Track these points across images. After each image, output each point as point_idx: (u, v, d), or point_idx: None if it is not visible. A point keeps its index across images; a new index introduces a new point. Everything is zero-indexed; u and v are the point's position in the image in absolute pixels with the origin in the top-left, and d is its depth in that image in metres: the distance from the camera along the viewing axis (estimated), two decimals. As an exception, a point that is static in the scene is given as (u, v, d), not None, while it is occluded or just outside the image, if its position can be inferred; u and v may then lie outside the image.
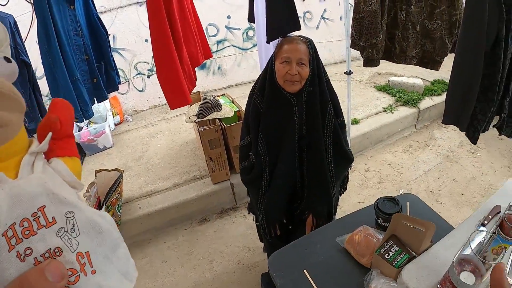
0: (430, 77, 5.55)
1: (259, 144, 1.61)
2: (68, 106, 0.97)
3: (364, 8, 1.74)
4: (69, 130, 0.95)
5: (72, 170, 0.90)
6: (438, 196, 3.44)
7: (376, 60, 1.94)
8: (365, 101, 4.81)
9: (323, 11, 6.06)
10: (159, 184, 3.24)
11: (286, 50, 1.46)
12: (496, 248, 1.18)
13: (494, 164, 4.06)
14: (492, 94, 1.69)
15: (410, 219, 1.37)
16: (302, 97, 1.53)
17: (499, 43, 1.59)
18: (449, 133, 4.63)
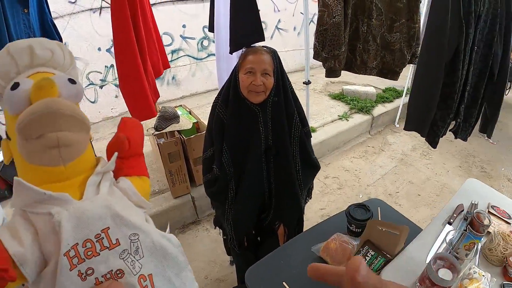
0: (382, 85, 5.79)
1: (223, 156, 1.59)
2: (138, 125, 0.97)
3: (328, 20, 1.78)
4: (138, 149, 0.95)
5: (139, 190, 0.90)
6: (396, 198, 3.58)
7: (338, 71, 1.99)
8: (320, 109, 4.93)
9: (277, 22, 6.15)
10: None
11: (251, 61, 1.45)
12: (468, 244, 1.27)
13: (446, 165, 4.29)
14: (451, 101, 1.79)
15: (384, 224, 1.43)
16: (267, 108, 1.52)
17: (459, 54, 1.68)
18: (402, 138, 4.84)
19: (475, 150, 4.75)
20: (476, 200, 1.76)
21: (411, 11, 1.92)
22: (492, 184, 3.98)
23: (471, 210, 1.67)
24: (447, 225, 1.58)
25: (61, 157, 0.72)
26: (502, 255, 1.37)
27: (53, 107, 0.68)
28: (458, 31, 1.67)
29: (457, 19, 1.64)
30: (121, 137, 0.88)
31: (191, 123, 2.93)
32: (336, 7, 1.76)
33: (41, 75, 0.77)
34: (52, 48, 0.81)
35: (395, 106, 5.26)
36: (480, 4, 1.74)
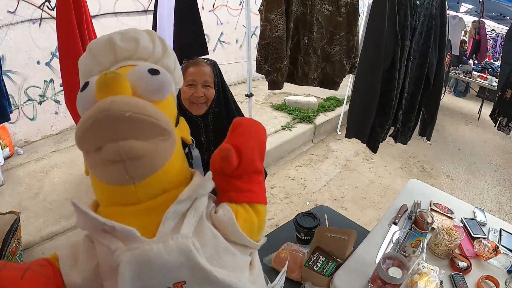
0: (323, 95, 5.96)
1: None
2: (257, 130, 0.75)
3: (270, 34, 1.81)
4: (253, 165, 0.71)
5: (246, 225, 0.67)
6: (343, 203, 3.66)
7: (281, 83, 2.02)
8: (263, 120, 4.93)
9: (220, 34, 6.16)
10: (61, 225, 2.88)
11: (191, 73, 1.45)
12: (414, 242, 1.33)
13: (388, 167, 4.48)
14: (389, 109, 1.87)
15: (332, 231, 1.46)
16: (208, 119, 1.53)
17: (395, 65, 1.76)
18: (344, 145, 4.98)
19: (414, 151, 5.01)
20: (418, 199, 1.85)
21: (350, 25, 2.01)
22: (433, 183, 4.20)
23: (415, 209, 1.75)
24: (392, 225, 1.65)
25: (128, 174, 0.55)
26: (447, 248, 1.46)
27: (112, 109, 0.52)
28: (394, 43, 1.76)
29: (393, 32, 1.74)
30: (225, 149, 0.67)
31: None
32: (278, 21, 1.80)
33: (122, 70, 0.64)
34: (136, 37, 0.68)
35: (337, 114, 5.42)
36: (415, 18, 1.85)
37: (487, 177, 4.75)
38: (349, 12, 2.00)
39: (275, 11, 1.80)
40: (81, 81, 0.70)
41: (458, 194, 4.16)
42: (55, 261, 0.63)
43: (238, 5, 6.21)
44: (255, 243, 0.69)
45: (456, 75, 7.71)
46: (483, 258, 1.50)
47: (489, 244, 1.51)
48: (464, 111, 7.80)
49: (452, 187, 4.33)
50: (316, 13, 1.95)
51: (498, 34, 8.85)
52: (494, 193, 4.35)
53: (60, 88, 4.36)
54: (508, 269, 1.48)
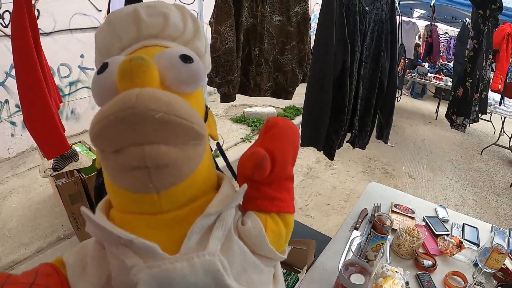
0: (282, 105, 6.03)
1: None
2: (292, 131, 0.66)
3: (220, 47, 1.79)
4: (287, 170, 0.64)
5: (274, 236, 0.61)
6: (307, 211, 3.66)
7: (233, 95, 2.00)
8: (223, 133, 4.98)
9: (176, 47, 6.10)
10: (20, 252, 2.76)
11: None
12: (375, 246, 1.32)
13: (350, 172, 4.55)
14: (342, 115, 1.89)
15: (291, 242, 1.43)
16: None
17: (345, 71, 1.79)
18: (305, 153, 5.02)
19: (375, 154, 5.11)
20: (378, 202, 1.87)
21: (301, 34, 2.02)
22: (395, 183, 4.29)
23: (375, 213, 1.76)
24: (354, 230, 1.65)
25: (152, 182, 0.48)
26: (410, 248, 1.48)
27: (139, 106, 0.44)
28: (343, 49, 1.78)
29: (342, 40, 1.76)
30: (260, 156, 0.58)
31: (90, 159, 2.77)
32: (228, 33, 1.79)
33: (146, 51, 0.55)
34: (165, 12, 0.58)
35: (297, 123, 5.40)
36: (365, 24, 1.87)
37: (448, 173, 4.90)
38: (299, 22, 2.01)
39: (225, 23, 1.79)
40: (97, 60, 0.62)
41: (421, 192, 4.27)
42: (62, 268, 0.57)
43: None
44: (281, 256, 0.64)
45: (412, 78, 7.94)
46: (448, 254, 1.53)
47: (453, 240, 1.54)
48: (422, 112, 8.06)
49: (415, 186, 4.43)
50: (266, 24, 1.95)
51: (451, 36, 9.23)
52: (456, 188, 4.49)
53: (16, 109, 4.22)
54: (474, 262, 1.51)
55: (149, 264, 0.48)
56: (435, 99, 8.94)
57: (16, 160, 4.33)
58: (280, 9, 1.99)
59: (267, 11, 1.94)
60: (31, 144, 4.50)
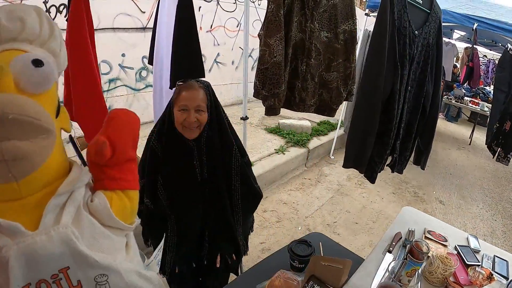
0: (317, 119, 6.02)
1: (158, 189, 1.56)
2: (129, 122, 0.78)
3: (269, 59, 1.81)
4: (126, 155, 0.76)
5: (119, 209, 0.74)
6: (335, 228, 3.63)
7: (278, 109, 2.02)
8: (257, 143, 4.97)
9: (216, 55, 6.21)
10: None
11: (184, 98, 1.44)
12: (410, 271, 1.32)
13: (380, 193, 4.48)
14: (387, 138, 1.87)
15: (327, 259, 1.43)
16: (201, 142, 1.52)
17: (394, 95, 1.77)
18: (337, 169, 4.99)
19: (407, 176, 5.02)
20: (412, 227, 1.85)
21: (347, 52, 2.02)
22: (425, 208, 4.21)
23: (409, 238, 1.74)
24: (387, 253, 1.64)
25: (11, 173, 0.58)
26: (442, 276, 1.46)
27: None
28: (394, 73, 1.78)
29: (392, 62, 1.75)
30: (99, 142, 0.71)
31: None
32: (277, 47, 1.81)
33: (4, 55, 0.62)
34: (23, 17, 0.65)
35: (330, 139, 5.46)
36: (414, 48, 1.86)
37: (479, 201, 4.77)
38: (347, 39, 2.02)
39: (275, 36, 1.81)
40: None
41: (451, 219, 4.17)
42: None
43: (236, 26, 6.29)
44: (129, 226, 0.76)
45: (448, 101, 7.81)
46: (477, 285, 1.49)
47: (483, 271, 1.51)
48: (456, 136, 7.89)
49: (445, 212, 4.34)
50: (314, 40, 1.96)
51: (490, 60, 9.03)
52: (486, 217, 4.36)
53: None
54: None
55: (16, 241, 0.58)
56: (469, 124, 8.76)
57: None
58: (329, 26, 2.00)
59: (315, 27, 1.95)
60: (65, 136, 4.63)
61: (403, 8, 1.80)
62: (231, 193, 1.66)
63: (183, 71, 1.73)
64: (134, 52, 4.93)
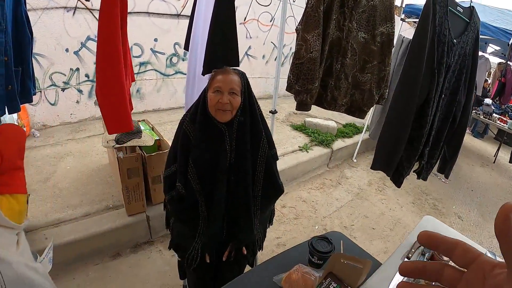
0: (343, 120, 6.00)
1: (189, 174, 1.56)
2: (16, 135, 0.87)
3: (305, 55, 1.81)
4: (13, 164, 0.86)
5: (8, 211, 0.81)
6: (352, 231, 3.61)
7: (309, 105, 2.02)
8: (282, 139, 4.99)
9: (247, 48, 6.25)
10: (67, 213, 2.85)
11: (219, 80, 1.47)
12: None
13: (400, 201, 4.44)
14: (417, 144, 1.86)
15: (348, 257, 1.42)
16: (233, 127, 1.53)
17: (429, 101, 1.76)
18: (358, 173, 4.97)
19: (427, 188, 4.96)
20: (433, 236, 1.82)
21: (383, 55, 2.00)
22: (443, 221, 4.09)
23: (428, 246, 1.72)
24: (405, 259, 1.62)
25: None
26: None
27: None
28: (430, 80, 1.76)
29: (430, 69, 1.74)
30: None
31: (153, 139, 2.85)
32: (315, 42, 1.80)
33: None
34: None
35: (354, 142, 5.42)
36: (451, 56, 1.84)
37: (498, 222, 4.65)
38: (384, 42, 2.00)
39: (313, 32, 1.80)
40: None
41: (468, 236, 4.08)
42: None
43: (269, 21, 6.29)
44: (18, 225, 0.84)
45: (476, 116, 7.64)
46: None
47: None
48: (480, 153, 7.72)
49: (462, 228, 4.26)
50: (351, 40, 1.95)
51: (523, 78, 8.78)
52: (504, 239, 4.25)
53: (85, 78, 4.45)
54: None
55: None
56: (495, 142, 8.56)
57: (77, 125, 4.56)
58: (366, 27, 1.98)
59: (353, 26, 1.94)
60: (94, 114, 4.73)
61: (444, 15, 1.78)
62: (254, 183, 1.65)
63: (218, 59, 1.74)
64: (166, 37, 4.99)
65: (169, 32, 4.96)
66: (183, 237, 1.74)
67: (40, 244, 2.48)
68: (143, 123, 3.27)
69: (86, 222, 2.79)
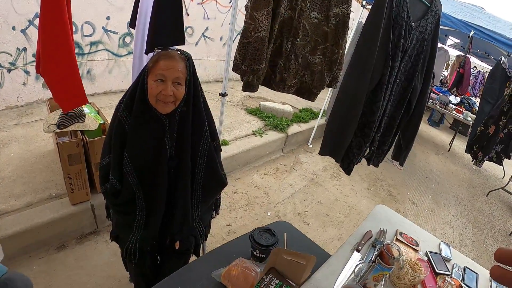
0: (299, 105, 5.98)
1: (125, 166, 1.45)
2: None
3: (252, 34, 1.71)
4: None
5: None
6: (305, 217, 3.60)
7: (256, 86, 1.94)
8: (235, 123, 4.90)
9: (205, 29, 6.08)
10: (10, 203, 2.66)
11: (162, 67, 1.32)
12: (377, 276, 1.26)
13: (354, 187, 4.49)
14: (369, 130, 1.83)
15: (290, 253, 1.35)
16: (174, 117, 1.42)
17: (381, 86, 1.71)
18: (313, 158, 4.97)
19: (383, 174, 5.04)
20: (385, 226, 1.79)
21: (337, 37, 1.92)
22: (398, 207, 4.21)
23: (380, 238, 1.69)
24: (355, 252, 1.59)
25: None
26: (410, 283, 1.40)
27: None
28: (384, 63, 1.71)
29: (384, 51, 1.68)
30: None
31: (97, 123, 2.67)
32: (263, 21, 1.71)
33: None
34: None
35: (310, 127, 5.41)
36: (408, 40, 1.79)
37: (451, 208, 4.80)
38: (338, 24, 1.92)
39: (262, 10, 1.71)
40: None
41: (421, 222, 4.18)
42: None
43: (228, 2, 6.17)
44: None
45: (433, 105, 7.81)
46: (445, 296, 1.45)
47: (453, 282, 1.47)
48: (436, 141, 7.96)
49: (417, 214, 4.35)
50: (303, 20, 1.87)
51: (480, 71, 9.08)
52: (457, 224, 4.40)
53: (32, 58, 4.16)
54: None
55: None
56: (450, 131, 8.83)
57: (23, 109, 4.26)
58: (320, 7, 1.90)
59: (306, 6, 1.86)
60: (41, 96, 4.45)
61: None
62: (194, 175, 1.57)
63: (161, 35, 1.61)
64: (119, 16, 4.75)
65: (123, 10, 4.72)
66: (121, 228, 1.65)
67: (-19, 238, 2.29)
68: (88, 106, 3.05)
69: (28, 213, 2.61)
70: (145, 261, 1.70)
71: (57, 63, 1.75)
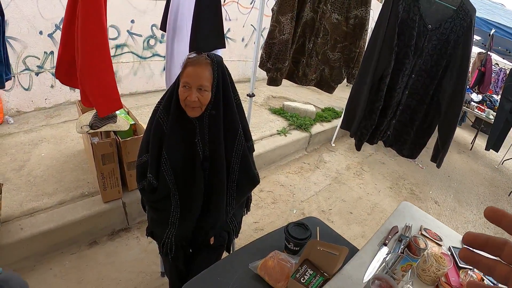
0: (322, 105, 5.98)
1: (163, 165, 1.52)
2: None
3: (277, 35, 1.83)
4: None
5: None
6: (329, 215, 3.64)
7: (279, 80, 2.10)
8: (260, 122, 4.96)
9: (227, 30, 6.14)
10: (43, 201, 2.77)
11: (188, 74, 1.39)
12: (405, 266, 1.33)
13: (377, 186, 4.48)
14: (374, 116, 2.00)
15: (324, 245, 1.43)
16: (204, 121, 1.48)
17: (384, 79, 1.89)
18: (337, 157, 4.99)
19: (405, 173, 5.02)
20: (409, 222, 1.83)
21: (355, 37, 2.07)
22: (420, 206, 4.20)
23: (405, 232, 1.73)
24: (382, 246, 1.63)
25: None
26: (434, 275, 1.45)
27: None
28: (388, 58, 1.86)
29: (388, 48, 1.86)
30: None
31: (128, 124, 2.76)
32: (288, 25, 1.83)
33: None
34: None
35: (333, 126, 5.43)
36: (424, 40, 1.88)
37: (473, 207, 4.75)
38: (356, 25, 2.05)
39: (286, 15, 1.83)
40: None
41: (444, 221, 4.16)
42: None
43: (249, 3, 6.22)
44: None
45: (454, 103, 7.70)
46: (467, 289, 1.48)
47: (475, 276, 1.50)
48: (458, 140, 7.85)
49: (439, 213, 4.33)
50: (325, 21, 2.00)
51: (501, 68, 8.91)
52: (479, 224, 4.35)
53: (60, 62, 4.27)
54: (493, 301, 1.46)
55: None
56: (472, 129, 8.70)
57: (51, 111, 4.41)
58: (340, 9, 2.02)
59: (328, 8, 1.98)
60: (69, 98, 4.60)
61: (413, 2, 1.82)
62: (229, 174, 1.62)
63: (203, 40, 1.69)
64: (143, 19, 4.87)
65: (146, 13, 4.84)
66: (156, 224, 1.72)
67: (16, 235, 2.41)
68: (118, 108, 3.16)
69: (61, 211, 2.71)
70: (180, 256, 1.76)
71: (97, 68, 1.82)
